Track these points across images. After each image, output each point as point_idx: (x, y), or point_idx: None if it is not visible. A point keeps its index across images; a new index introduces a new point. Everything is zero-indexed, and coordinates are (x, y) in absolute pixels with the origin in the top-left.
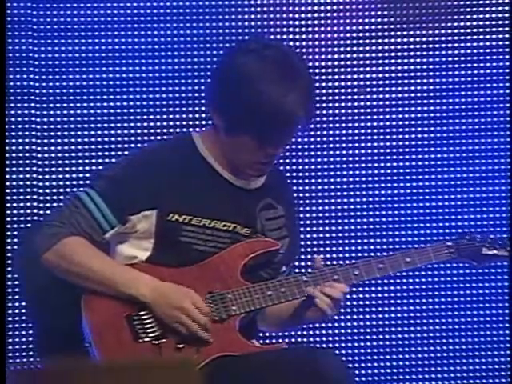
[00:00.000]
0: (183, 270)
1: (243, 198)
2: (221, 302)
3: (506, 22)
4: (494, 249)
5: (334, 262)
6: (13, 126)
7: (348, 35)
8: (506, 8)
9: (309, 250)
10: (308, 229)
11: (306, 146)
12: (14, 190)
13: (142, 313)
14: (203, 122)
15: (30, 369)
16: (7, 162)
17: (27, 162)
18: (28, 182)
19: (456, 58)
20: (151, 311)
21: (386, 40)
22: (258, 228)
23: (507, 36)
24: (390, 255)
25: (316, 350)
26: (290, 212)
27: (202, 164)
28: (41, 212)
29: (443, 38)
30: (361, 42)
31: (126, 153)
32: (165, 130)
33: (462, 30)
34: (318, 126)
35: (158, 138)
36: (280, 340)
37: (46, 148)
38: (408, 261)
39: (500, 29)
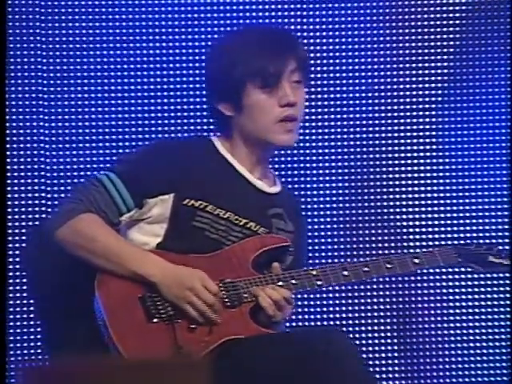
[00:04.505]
0: (194, 258)
1: (260, 198)
2: (232, 289)
3: (508, 19)
4: (500, 257)
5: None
6: (21, 124)
7: (350, 33)
8: (508, 6)
9: (323, 247)
10: (316, 226)
11: (313, 144)
12: (23, 188)
13: (155, 294)
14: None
15: (38, 366)
16: (14, 160)
17: (35, 159)
18: (36, 180)
19: (458, 63)
20: (160, 291)
21: (388, 38)
22: (273, 231)
23: (508, 34)
24: (398, 255)
25: (328, 330)
26: (299, 234)
27: (221, 161)
28: (43, 211)
29: (444, 36)
30: (362, 39)
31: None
32: (172, 128)
33: (464, 28)
34: (326, 125)
35: (166, 135)
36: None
37: (53, 146)
38: (417, 262)
39: (502, 27)
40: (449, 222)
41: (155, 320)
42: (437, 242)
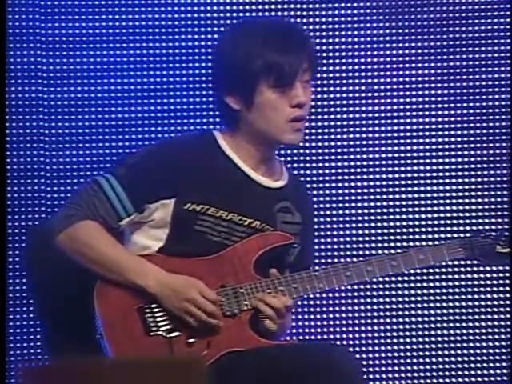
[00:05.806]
0: (195, 262)
1: (263, 195)
2: (233, 296)
3: (508, 19)
4: (508, 247)
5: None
6: (21, 124)
7: (350, 33)
8: (508, 6)
9: (322, 247)
10: (321, 226)
11: (317, 143)
12: (22, 188)
13: (153, 305)
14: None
15: (38, 366)
16: (14, 160)
17: (35, 159)
18: (36, 180)
19: (458, 63)
20: (158, 303)
21: (388, 38)
22: (277, 228)
23: (508, 34)
24: (403, 252)
25: (330, 346)
26: (307, 223)
27: (224, 159)
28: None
29: (445, 36)
30: (361, 39)
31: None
32: (172, 128)
33: (464, 28)
34: (326, 124)
35: (166, 135)
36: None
37: (53, 146)
38: (421, 258)
39: (502, 26)
40: (448, 221)
41: (152, 334)
42: (436, 242)
